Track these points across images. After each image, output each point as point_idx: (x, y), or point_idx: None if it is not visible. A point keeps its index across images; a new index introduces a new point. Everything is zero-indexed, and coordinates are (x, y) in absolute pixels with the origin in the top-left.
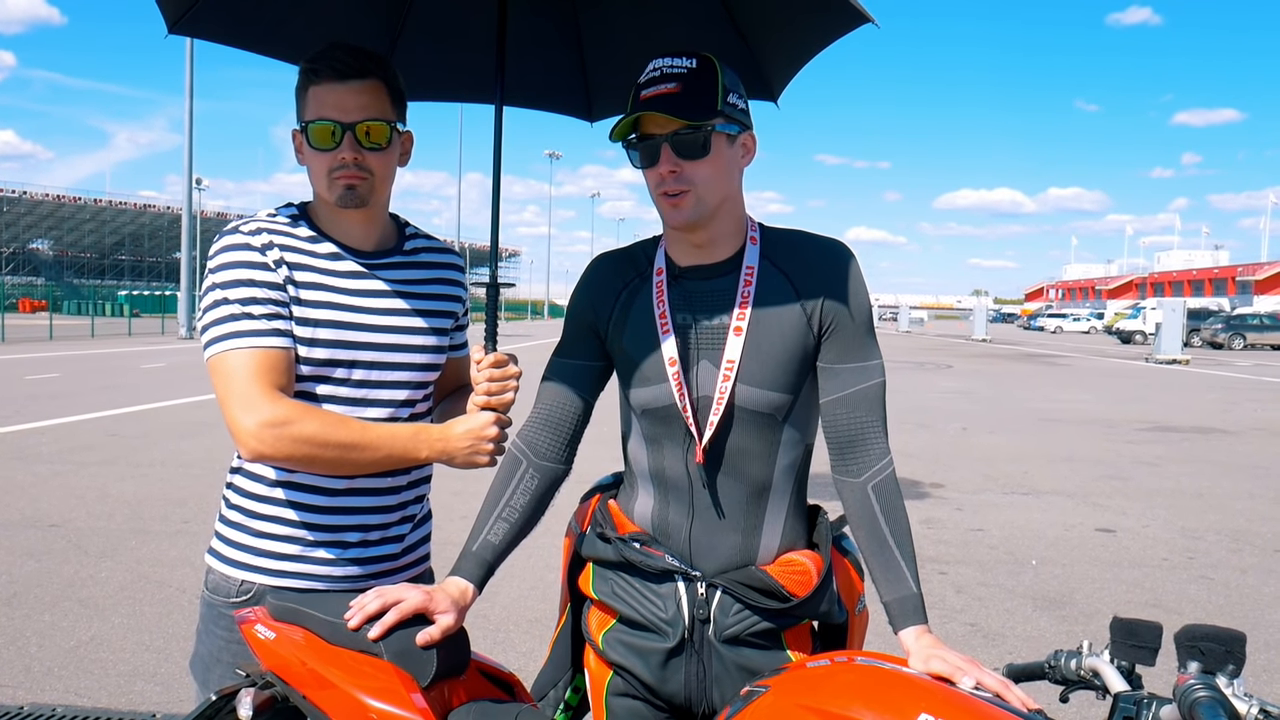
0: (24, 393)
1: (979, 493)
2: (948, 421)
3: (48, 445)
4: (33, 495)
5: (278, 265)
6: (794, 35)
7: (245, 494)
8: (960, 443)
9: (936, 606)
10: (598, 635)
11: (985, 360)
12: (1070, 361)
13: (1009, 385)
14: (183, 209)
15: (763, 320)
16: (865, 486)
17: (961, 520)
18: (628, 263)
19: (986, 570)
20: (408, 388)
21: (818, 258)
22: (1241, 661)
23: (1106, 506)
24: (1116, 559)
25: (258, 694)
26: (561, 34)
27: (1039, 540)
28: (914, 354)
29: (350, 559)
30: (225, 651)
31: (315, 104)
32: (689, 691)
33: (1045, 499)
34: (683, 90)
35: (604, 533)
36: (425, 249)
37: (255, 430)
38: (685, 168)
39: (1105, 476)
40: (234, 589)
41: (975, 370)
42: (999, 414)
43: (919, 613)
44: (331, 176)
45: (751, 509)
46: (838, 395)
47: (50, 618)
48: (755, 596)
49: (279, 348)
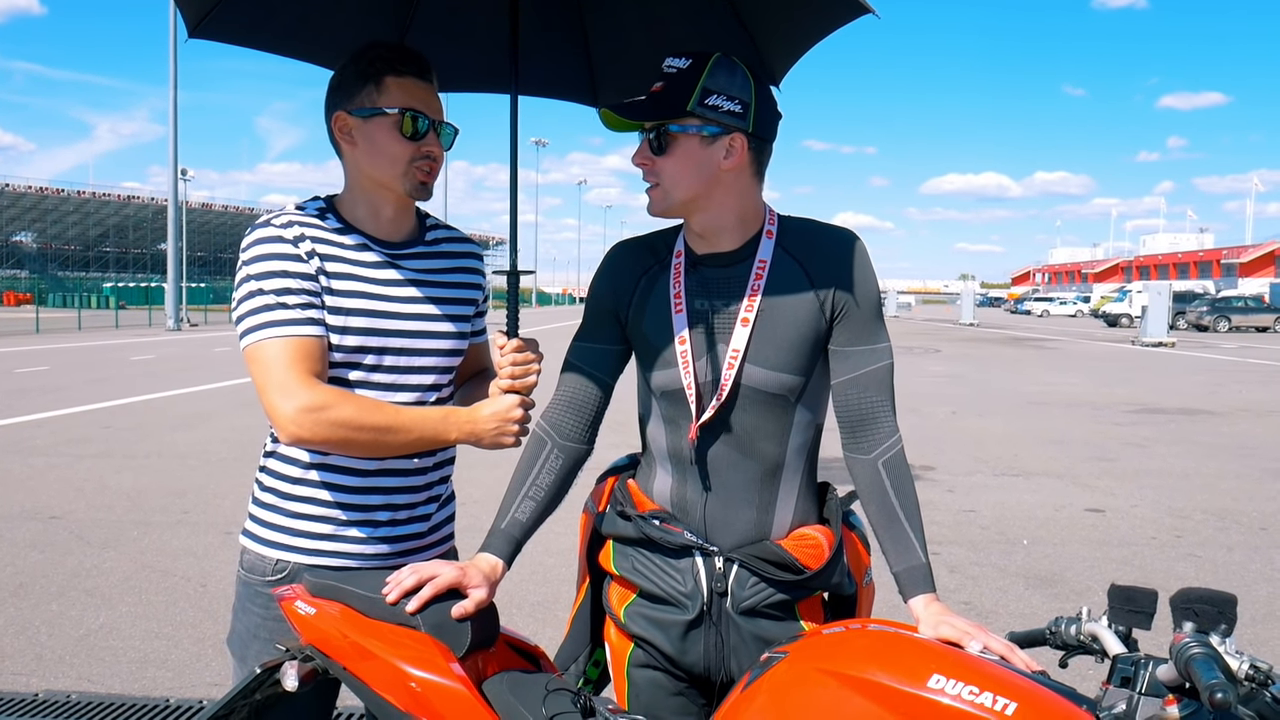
0: (14, 386)
1: (970, 475)
2: (937, 405)
3: (42, 438)
4: (31, 488)
5: (310, 256)
6: (794, 24)
7: (280, 476)
8: (950, 426)
9: None
10: (619, 609)
11: (973, 344)
12: (1057, 345)
13: (997, 369)
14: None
15: (776, 306)
16: (876, 463)
17: (953, 502)
18: (647, 250)
19: (979, 550)
20: (434, 373)
21: (830, 246)
22: (1233, 622)
23: (1095, 487)
24: (1106, 538)
25: (301, 666)
26: (565, 20)
27: (1030, 520)
28: (902, 338)
29: (380, 537)
30: (262, 628)
31: (401, 95)
32: (708, 662)
33: (1035, 480)
34: (664, 89)
35: (624, 510)
36: (446, 239)
37: (294, 415)
38: (655, 162)
39: (1094, 458)
40: (269, 568)
41: (963, 354)
42: (987, 397)
43: (928, 581)
44: (412, 165)
45: (766, 486)
46: (849, 377)
47: (58, 607)
48: (770, 570)
49: (313, 336)
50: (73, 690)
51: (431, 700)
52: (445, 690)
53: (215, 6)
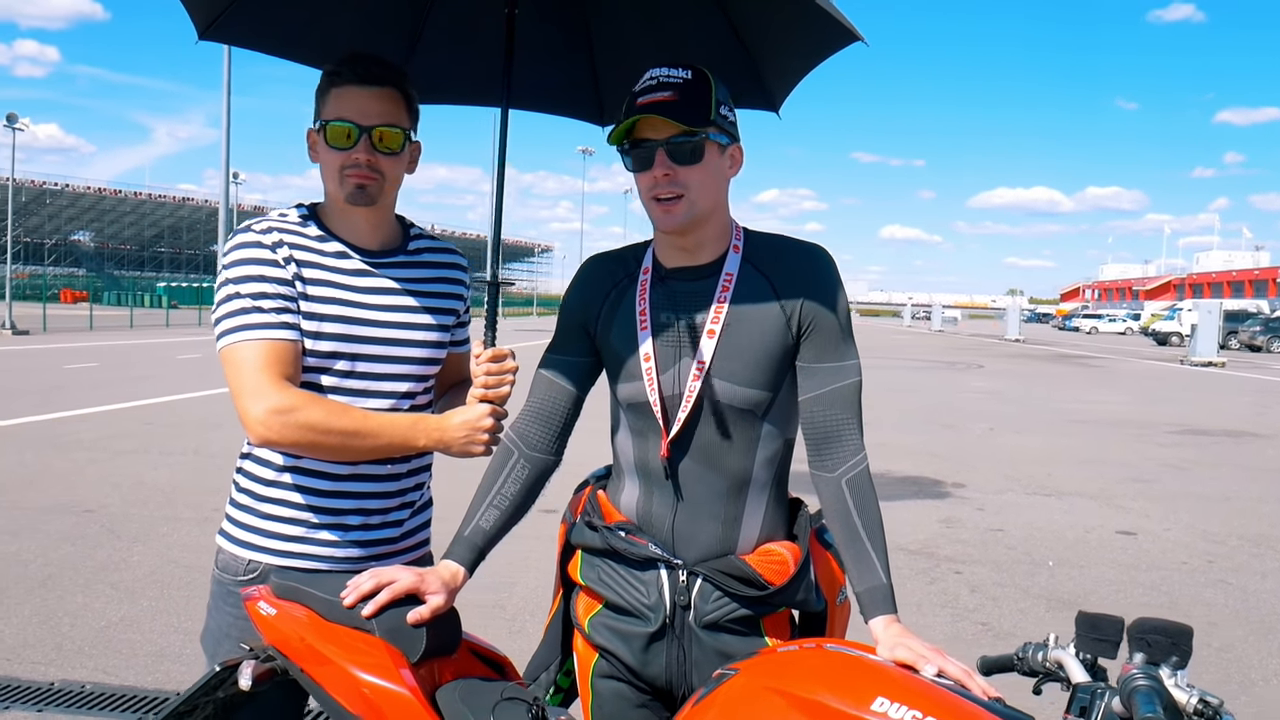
0: (63, 382)
1: (1001, 493)
2: (974, 421)
3: (86, 433)
4: (70, 481)
5: (286, 262)
6: (790, 51)
7: (254, 478)
8: (986, 443)
9: (950, 605)
10: (584, 619)
11: (1017, 360)
12: (1104, 363)
13: (1040, 386)
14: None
15: (742, 320)
16: (839, 481)
17: (981, 520)
18: (618, 264)
19: (1003, 570)
20: (408, 380)
21: (798, 262)
22: (1187, 654)
23: (1130, 509)
24: (1135, 561)
25: (258, 666)
26: (573, 42)
27: (1058, 541)
28: (945, 353)
29: (352, 541)
30: (234, 627)
31: (335, 105)
32: (670, 675)
33: (1068, 500)
34: (679, 99)
35: (591, 521)
36: (429, 249)
37: (263, 417)
38: (679, 173)
39: (1131, 479)
40: (242, 568)
41: (1006, 370)
42: (1027, 414)
43: (888, 602)
44: (343, 174)
45: (732, 500)
46: (815, 393)
47: (83, 599)
48: (734, 584)
49: (286, 340)
50: (87, 681)
51: (379, 704)
52: (392, 695)
53: (224, 11)
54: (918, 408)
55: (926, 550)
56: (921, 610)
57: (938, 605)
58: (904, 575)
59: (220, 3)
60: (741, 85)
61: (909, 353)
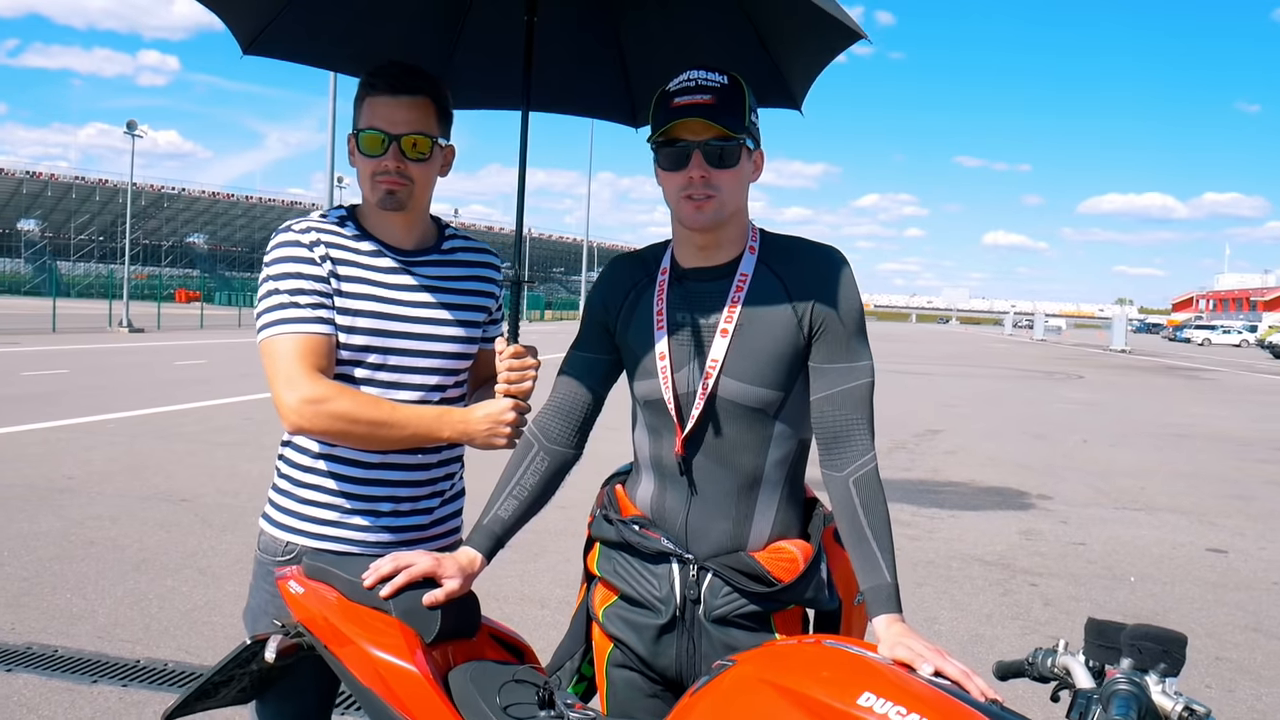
0: (173, 378)
1: (1087, 506)
2: (1068, 433)
3: (189, 426)
4: (169, 472)
5: (323, 260)
6: (803, 50)
7: (292, 464)
8: (1077, 455)
9: (1021, 618)
10: (600, 610)
11: (1120, 372)
12: (1214, 376)
13: (1142, 398)
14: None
15: (754, 321)
16: (847, 481)
17: (1063, 534)
18: (639, 264)
19: (1081, 585)
20: (438, 374)
21: (811, 262)
22: (1178, 662)
23: (1223, 526)
24: (1223, 580)
25: (283, 641)
26: (605, 47)
27: (1142, 557)
28: (1044, 363)
29: (383, 527)
30: (270, 604)
31: (368, 114)
32: (680, 666)
33: (1158, 515)
34: (718, 102)
35: (608, 515)
36: (462, 249)
37: (296, 406)
38: (713, 175)
39: (1228, 495)
40: (280, 549)
41: (1108, 382)
42: (1125, 427)
43: (892, 601)
44: (375, 180)
45: (743, 498)
46: (825, 394)
47: (172, 583)
48: (742, 580)
49: (321, 334)
50: (170, 660)
51: (389, 680)
52: (402, 672)
53: (265, 27)
54: (1011, 417)
55: (1003, 561)
56: (991, 621)
57: (1008, 617)
58: (977, 586)
59: (262, 19)
60: (766, 84)
61: (1006, 361)
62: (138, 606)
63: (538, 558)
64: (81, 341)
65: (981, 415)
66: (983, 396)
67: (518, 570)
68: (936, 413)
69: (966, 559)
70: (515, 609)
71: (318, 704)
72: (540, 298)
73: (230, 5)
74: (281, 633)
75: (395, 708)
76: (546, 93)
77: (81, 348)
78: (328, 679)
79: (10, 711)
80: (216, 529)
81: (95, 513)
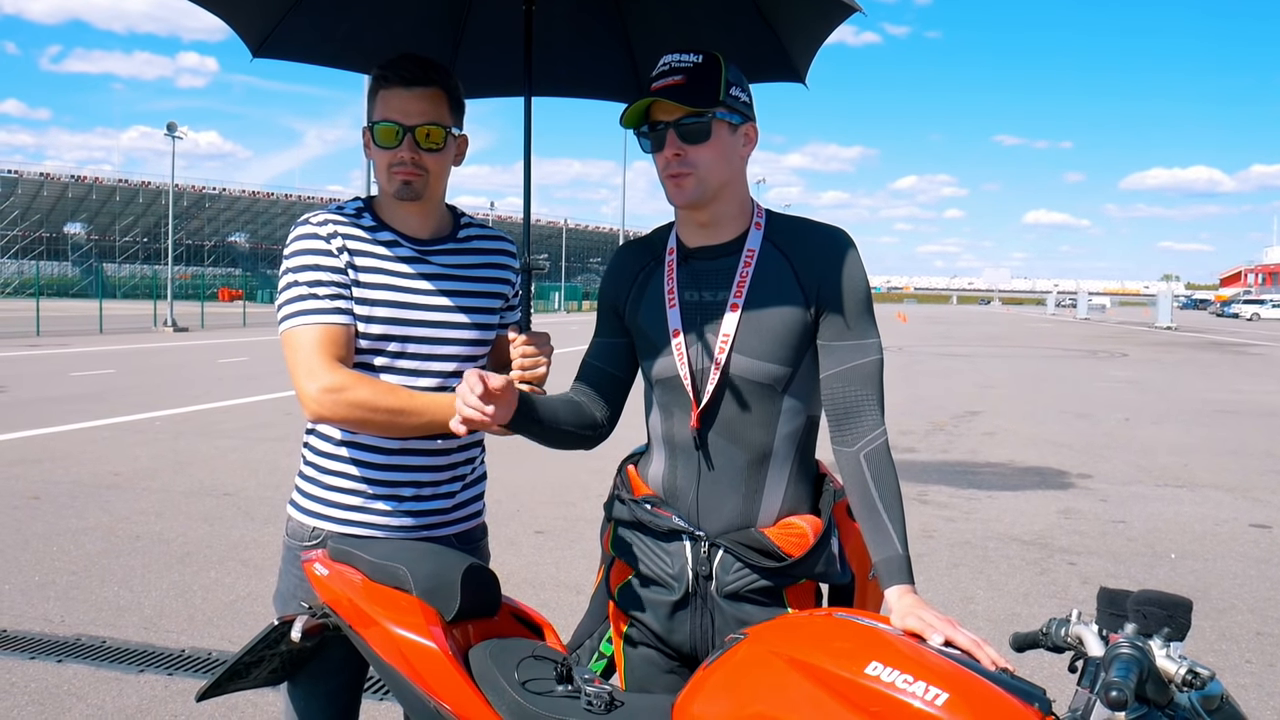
0: (216, 375)
1: (1129, 484)
2: (1111, 411)
3: (231, 422)
4: (213, 467)
5: (340, 251)
6: (802, 22)
7: (317, 452)
8: (1119, 433)
9: (1058, 596)
10: (616, 588)
11: (1165, 349)
12: (1263, 350)
13: (1187, 375)
14: None
15: (762, 297)
16: (858, 455)
17: (1104, 512)
18: (645, 249)
19: (1120, 563)
20: (456, 360)
21: (817, 242)
22: (1183, 627)
23: (1268, 502)
24: (1267, 556)
25: (308, 621)
26: (608, 29)
27: (1184, 534)
28: (1087, 342)
29: (405, 511)
30: (299, 588)
31: (382, 106)
32: (694, 641)
33: (1200, 492)
34: (688, 82)
35: (620, 495)
36: (478, 236)
37: (316, 395)
38: (688, 152)
39: (1274, 471)
40: (306, 534)
41: (1152, 359)
42: (1169, 404)
43: (904, 573)
44: (391, 171)
45: (753, 474)
46: (834, 370)
47: (215, 574)
48: (753, 556)
49: (340, 324)
50: (214, 649)
51: (409, 656)
52: (420, 648)
53: (273, 30)
54: (1051, 397)
55: (1041, 540)
56: (1028, 600)
57: (1045, 596)
58: (1014, 565)
59: (268, 22)
60: (768, 58)
61: (1049, 341)
62: (183, 598)
63: (574, 544)
64: (128, 342)
65: (1022, 396)
66: (1023, 377)
67: (554, 557)
68: (976, 394)
69: (1004, 539)
70: (551, 594)
71: (348, 684)
72: (579, 288)
73: (236, 10)
74: (308, 614)
75: (417, 684)
76: (554, 78)
77: (128, 348)
78: (357, 660)
79: (60, 700)
80: (259, 522)
81: (141, 508)
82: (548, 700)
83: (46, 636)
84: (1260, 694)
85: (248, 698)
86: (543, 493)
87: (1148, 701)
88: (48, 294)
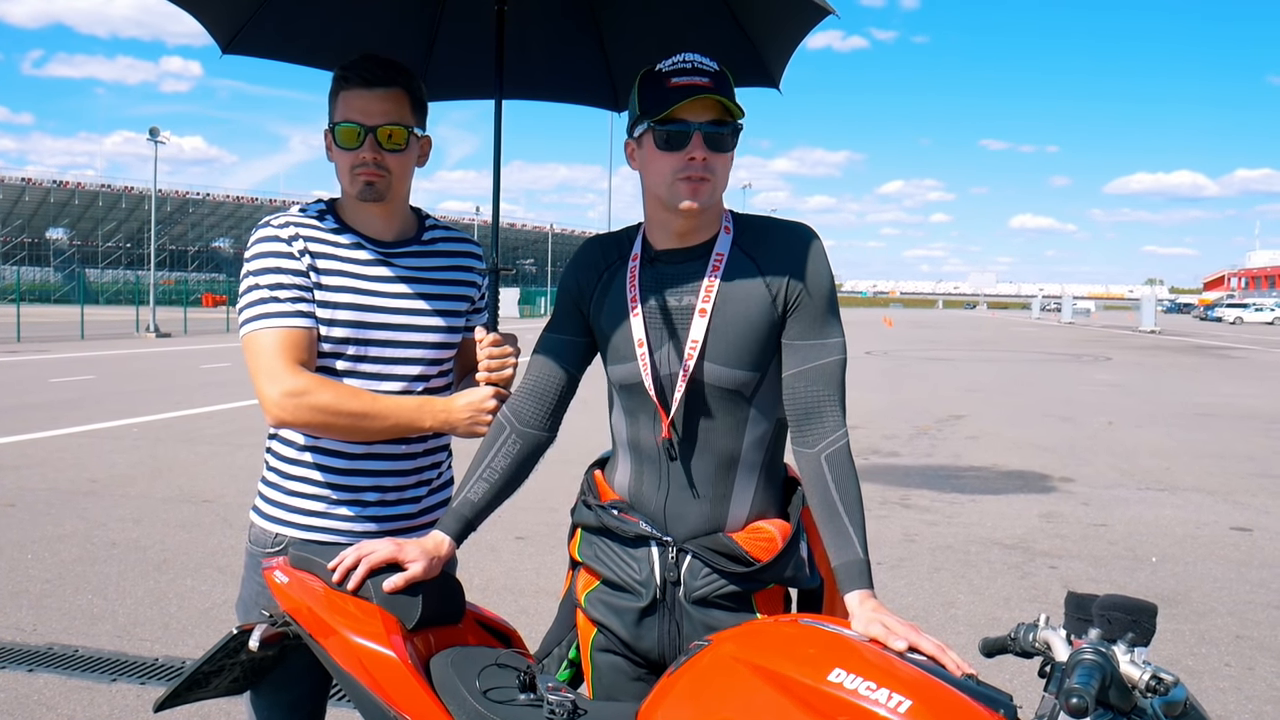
0: (198, 381)
1: (1110, 488)
2: (1094, 415)
3: (212, 428)
4: (192, 473)
5: (302, 254)
6: (776, 27)
7: (279, 457)
8: (1101, 437)
9: (1038, 600)
10: (582, 595)
11: (1149, 352)
12: (1245, 355)
13: (1170, 378)
14: None
15: (729, 302)
16: (819, 457)
17: (1085, 515)
18: (613, 246)
19: (1101, 566)
20: (420, 364)
21: (782, 240)
22: (1147, 632)
23: (1248, 505)
24: (1247, 558)
25: (267, 629)
26: (582, 31)
27: (1165, 537)
28: (1072, 346)
29: (369, 516)
30: (261, 596)
31: (343, 107)
32: (662, 648)
33: (1182, 495)
34: (715, 87)
35: (587, 500)
36: (443, 239)
37: (277, 399)
38: (711, 158)
39: (1254, 474)
40: (269, 540)
41: (1135, 363)
42: (1152, 408)
43: (864, 577)
44: (353, 173)
45: (720, 479)
46: (797, 370)
47: (191, 582)
48: (721, 561)
49: (301, 327)
50: (188, 657)
51: (367, 665)
52: (379, 657)
53: (244, 27)
54: (1035, 401)
55: (1022, 544)
56: (1009, 604)
57: (1026, 600)
58: (995, 569)
59: (238, 18)
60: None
61: (1033, 345)
62: (157, 606)
63: (555, 550)
64: (109, 348)
65: (1006, 400)
66: (1007, 381)
67: (534, 563)
68: (960, 398)
69: (985, 543)
70: (531, 601)
71: (311, 693)
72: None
73: (205, 6)
74: (268, 622)
75: (376, 694)
76: (528, 81)
77: (109, 354)
78: (320, 669)
79: (31, 710)
80: (237, 529)
81: (118, 515)
82: (509, 709)
83: (18, 646)
84: (1239, 697)
85: (220, 706)
86: (523, 498)
87: (1111, 707)
88: (29, 300)
